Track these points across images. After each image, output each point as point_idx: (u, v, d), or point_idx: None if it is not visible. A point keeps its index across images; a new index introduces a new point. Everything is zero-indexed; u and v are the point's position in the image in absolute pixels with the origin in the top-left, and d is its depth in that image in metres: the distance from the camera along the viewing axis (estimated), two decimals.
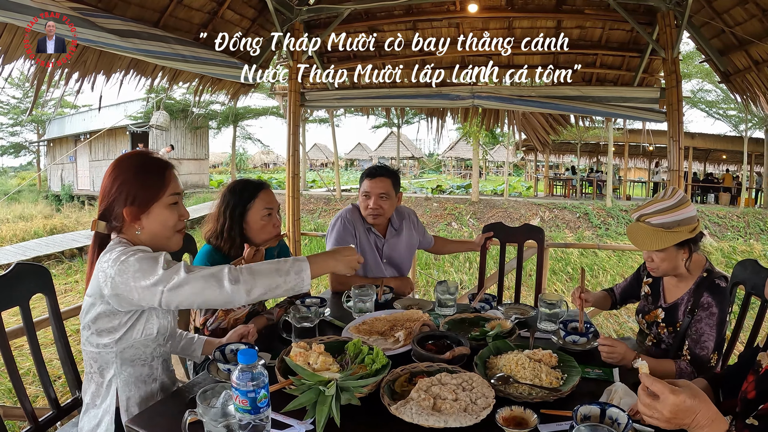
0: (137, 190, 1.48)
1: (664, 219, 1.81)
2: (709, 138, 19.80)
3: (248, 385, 1.10)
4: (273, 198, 2.19)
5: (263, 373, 1.14)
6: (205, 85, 4.37)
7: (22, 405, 1.68)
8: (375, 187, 2.68)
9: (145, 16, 3.36)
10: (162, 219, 1.52)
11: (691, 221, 1.82)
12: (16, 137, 24.59)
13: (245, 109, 21.11)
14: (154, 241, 1.53)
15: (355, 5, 4.25)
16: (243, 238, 2.12)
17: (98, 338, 1.45)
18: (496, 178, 34.27)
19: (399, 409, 1.25)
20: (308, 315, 1.84)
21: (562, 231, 13.04)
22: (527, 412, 1.32)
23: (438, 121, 5.52)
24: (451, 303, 2.27)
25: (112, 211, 1.49)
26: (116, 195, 1.48)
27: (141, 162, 1.55)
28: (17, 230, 12.91)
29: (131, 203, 1.47)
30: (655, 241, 1.81)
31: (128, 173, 1.50)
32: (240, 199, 2.12)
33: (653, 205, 1.86)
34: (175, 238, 1.57)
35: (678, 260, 1.86)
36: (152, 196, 1.50)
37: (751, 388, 1.29)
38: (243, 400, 1.10)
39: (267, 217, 2.13)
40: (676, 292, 1.97)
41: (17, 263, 1.71)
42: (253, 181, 2.22)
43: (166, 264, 1.36)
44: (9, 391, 3.88)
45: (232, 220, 2.10)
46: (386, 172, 2.72)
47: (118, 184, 1.48)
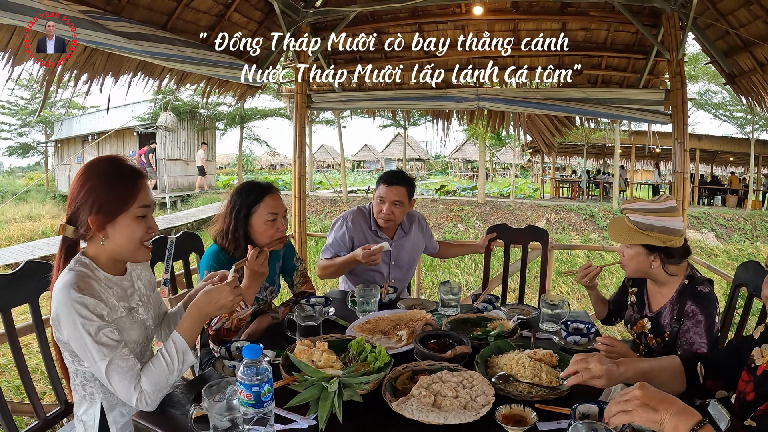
0: (104, 198, 1.41)
1: (641, 218, 1.81)
2: (716, 140, 19.65)
3: (253, 379, 1.12)
4: (279, 203, 2.18)
5: (267, 368, 1.16)
6: (213, 86, 4.41)
7: (31, 401, 1.71)
8: (390, 194, 2.71)
9: (153, 19, 3.41)
10: (129, 231, 1.45)
11: (668, 232, 1.79)
12: (24, 138, 24.78)
13: (252, 110, 21.18)
14: (118, 254, 1.49)
15: (360, 8, 4.28)
16: (248, 240, 2.12)
17: (70, 356, 1.44)
18: (502, 179, 34.21)
19: (400, 406, 1.27)
20: (313, 314, 1.87)
21: (569, 233, 13.01)
22: (526, 410, 1.33)
23: (444, 123, 5.55)
24: (454, 303, 2.28)
25: (77, 217, 1.43)
26: (82, 201, 1.41)
27: (111, 168, 1.47)
28: (25, 230, 13.03)
29: (97, 212, 1.41)
30: (624, 235, 1.83)
31: (97, 179, 1.43)
32: (245, 202, 2.13)
33: (639, 203, 1.86)
34: (141, 252, 1.50)
35: (645, 265, 1.85)
36: (119, 207, 1.43)
37: (749, 389, 1.28)
38: (247, 394, 1.13)
39: (271, 222, 2.13)
40: (659, 299, 1.94)
41: (27, 261, 1.75)
42: (260, 184, 2.21)
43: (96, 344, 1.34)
44: (16, 388, 3.93)
45: (237, 221, 2.11)
46: (403, 180, 2.76)
47: (86, 190, 1.42)
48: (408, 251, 2.97)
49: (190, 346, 1.42)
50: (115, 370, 1.34)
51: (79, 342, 1.34)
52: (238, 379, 1.14)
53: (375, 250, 2.49)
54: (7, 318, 1.70)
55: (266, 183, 2.24)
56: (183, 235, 2.67)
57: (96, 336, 1.33)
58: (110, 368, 1.33)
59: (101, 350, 1.33)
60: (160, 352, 1.40)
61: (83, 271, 1.42)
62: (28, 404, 1.77)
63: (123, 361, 1.35)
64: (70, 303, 1.33)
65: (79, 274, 1.39)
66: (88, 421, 1.48)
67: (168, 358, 1.38)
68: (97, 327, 1.34)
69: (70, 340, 1.37)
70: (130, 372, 1.35)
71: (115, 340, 1.36)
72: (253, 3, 4.13)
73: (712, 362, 1.45)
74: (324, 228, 13.20)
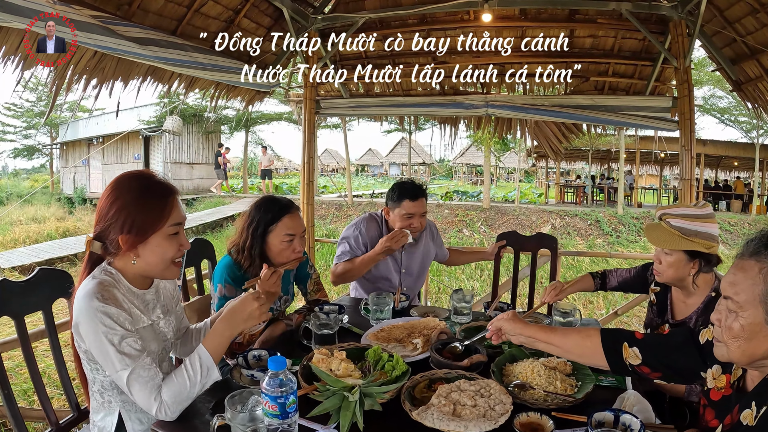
0: (136, 217, 1.38)
1: (684, 224, 1.80)
2: (721, 145, 19.63)
3: (278, 390, 1.13)
4: (297, 223, 2.13)
5: (292, 379, 1.17)
6: (221, 91, 4.44)
7: (43, 407, 1.70)
8: (418, 208, 2.75)
9: (163, 25, 3.43)
10: (160, 251, 1.43)
11: (709, 238, 1.80)
12: (30, 140, 24.90)
13: (258, 114, 21.24)
14: (147, 272, 1.48)
15: (369, 14, 4.31)
16: (263, 258, 2.09)
17: (89, 363, 1.44)
18: (507, 184, 34.20)
19: (420, 415, 1.28)
20: (329, 322, 1.87)
21: (573, 238, 12.98)
22: (543, 418, 1.34)
23: (451, 129, 5.56)
24: (466, 311, 2.29)
25: (107, 235, 1.41)
26: (113, 220, 1.38)
27: (142, 186, 1.43)
28: (30, 232, 13.07)
29: (128, 231, 1.38)
30: (668, 240, 1.81)
31: (128, 197, 1.40)
32: (263, 219, 2.09)
33: (679, 208, 1.85)
34: (171, 270, 1.49)
35: (684, 272, 1.83)
36: (152, 226, 1.40)
37: (711, 416, 1.27)
38: (273, 406, 1.13)
39: (287, 243, 2.09)
40: (684, 309, 1.93)
41: (40, 269, 1.74)
42: (280, 202, 2.15)
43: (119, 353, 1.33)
44: (24, 392, 3.94)
45: (253, 238, 2.07)
46: (424, 193, 2.81)
47: (116, 209, 1.39)
48: (418, 259, 2.98)
49: (215, 361, 1.41)
50: (137, 379, 1.33)
51: (101, 351, 1.34)
52: (263, 390, 1.15)
53: (396, 232, 2.60)
54: (21, 325, 1.69)
55: (286, 201, 2.18)
56: (195, 241, 2.67)
57: (119, 345, 1.33)
58: (132, 377, 1.33)
59: (123, 359, 1.33)
60: (183, 365, 1.40)
61: (107, 280, 1.41)
62: (39, 410, 1.75)
63: (145, 370, 1.35)
64: (92, 312, 1.33)
65: (102, 282, 1.39)
66: (106, 427, 1.48)
67: (191, 371, 1.37)
68: (121, 336, 1.34)
69: (91, 349, 1.37)
70: (151, 382, 1.35)
71: (137, 350, 1.36)
72: (262, 9, 4.15)
73: (650, 346, 1.39)
74: (329, 232, 13.21)
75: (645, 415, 1.38)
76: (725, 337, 1.12)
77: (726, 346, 1.12)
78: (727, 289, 1.13)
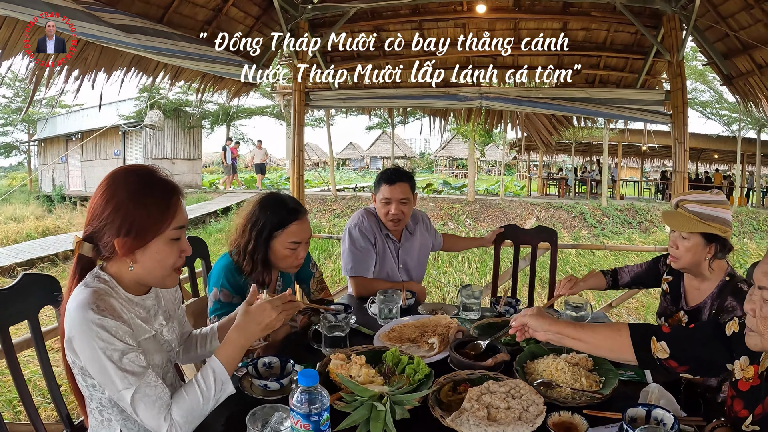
0: (134, 219, 1.23)
1: (702, 209, 1.85)
2: (702, 138, 20.06)
3: (310, 408, 1.03)
4: (305, 230, 2.01)
5: (324, 394, 1.07)
6: (207, 83, 4.30)
7: (33, 424, 1.56)
8: (395, 192, 2.60)
9: (150, 12, 3.28)
10: (160, 257, 1.28)
11: (725, 223, 1.84)
12: (7, 137, 24.10)
13: (239, 108, 20.91)
14: (144, 279, 1.32)
15: (361, 4, 4.20)
16: (266, 263, 1.98)
17: (85, 380, 1.27)
18: (488, 177, 34.38)
19: (455, 421, 1.22)
20: (339, 324, 1.79)
21: (559, 231, 13.07)
22: (576, 417, 1.31)
23: (441, 121, 5.51)
24: (476, 307, 2.24)
25: (101, 237, 1.24)
26: (108, 221, 1.23)
27: (143, 182, 1.28)
28: (9, 232, 12.55)
29: (126, 234, 1.22)
30: (688, 225, 1.85)
31: (125, 195, 1.24)
32: (269, 222, 1.96)
33: (695, 194, 1.90)
34: (171, 278, 1.34)
35: (701, 256, 1.87)
36: (153, 229, 1.25)
37: (739, 407, 1.26)
38: (305, 425, 1.03)
39: (291, 250, 1.98)
40: (697, 295, 1.96)
41: (25, 274, 1.58)
42: (288, 205, 2.00)
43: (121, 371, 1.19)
44: (9, 402, 3.77)
45: (257, 242, 1.95)
46: (404, 176, 2.66)
47: (112, 208, 1.23)
48: (416, 252, 2.89)
49: (229, 373, 1.28)
50: (142, 399, 1.18)
51: (100, 368, 1.18)
52: (293, 407, 1.04)
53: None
54: (5, 336, 1.53)
55: (294, 204, 2.04)
56: (188, 239, 2.55)
57: (120, 362, 1.18)
58: (136, 397, 1.18)
59: (126, 378, 1.18)
60: (195, 379, 1.26)
61: (102, 288, 1.25)
62: (27, 424, 1.61)
63: (150, 389, 1.20)
64: (87, 325, 1.17)
65: (96, 290, 1.23)
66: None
67: (204, 386, 1.24)
68: (121, 352, 1.18)
69: (87, 366, 1.21)
70: (159, 401, 1.20)
71: (141, 366, 1.21)
72: None
73: (676, 340, 1.38)
74: (314, 227, 13.07)
75: (671, 407, 1.36)
76: (761, 327, 1.12)
77: (760, 335, 1.13)
78: (762, 279, 1.13)
